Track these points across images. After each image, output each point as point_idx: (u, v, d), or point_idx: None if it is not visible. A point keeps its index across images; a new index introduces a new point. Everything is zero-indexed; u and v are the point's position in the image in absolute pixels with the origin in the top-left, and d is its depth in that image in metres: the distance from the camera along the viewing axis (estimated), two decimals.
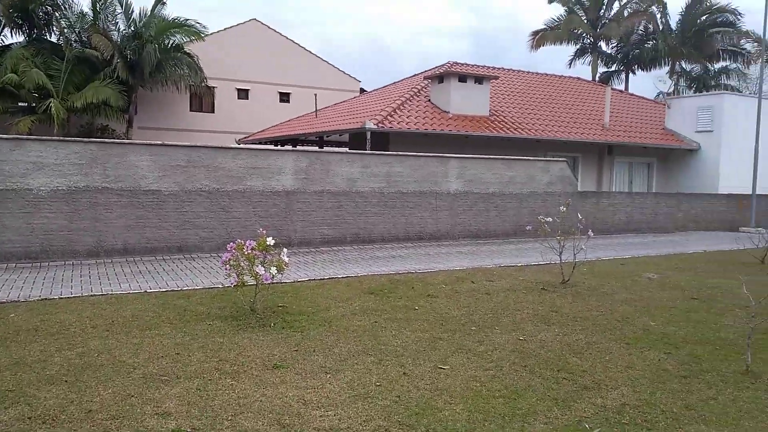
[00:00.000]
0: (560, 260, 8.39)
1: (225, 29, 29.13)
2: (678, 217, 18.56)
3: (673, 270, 10.00)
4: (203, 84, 26.49)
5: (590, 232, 8.38)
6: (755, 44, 32.83)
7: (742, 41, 34.62)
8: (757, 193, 18.96)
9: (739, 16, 33.91)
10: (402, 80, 23.07)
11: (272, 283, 6.33)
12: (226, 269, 6.14)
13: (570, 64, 38.13)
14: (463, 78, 17.74)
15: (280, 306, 6.71)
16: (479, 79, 18.08)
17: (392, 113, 16.45)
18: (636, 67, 37.34)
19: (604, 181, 21.51)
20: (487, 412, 3.93)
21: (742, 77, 37.32)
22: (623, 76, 37.98)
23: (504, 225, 14.88)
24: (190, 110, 28.53)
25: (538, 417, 3.87)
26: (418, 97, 18.34)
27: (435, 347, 5.36)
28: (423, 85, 19.20)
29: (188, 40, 25.13)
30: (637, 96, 27.82)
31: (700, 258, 11.82)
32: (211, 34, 27.13)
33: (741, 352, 5.07)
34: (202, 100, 28.62)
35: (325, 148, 19.87)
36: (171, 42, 24.93)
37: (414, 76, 22.43)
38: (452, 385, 4.43)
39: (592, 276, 9.12)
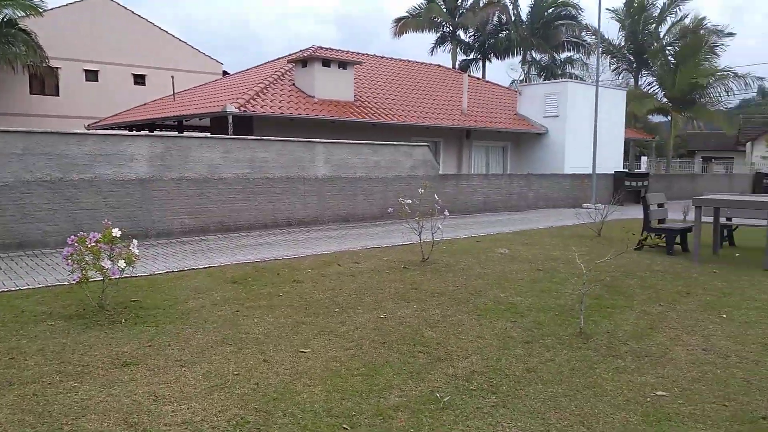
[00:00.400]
0: (420, 240, 8.72)
1: (68, 4, 26.73)
2: (529, 196, 19.99)
3: (523, 245, 10.79)
4: (45, 64, 24.12)
5: (446, 212, 8.78)
6: (593, 37, 36.05)
7: (583, 34, 37.89)
8: (597, 172, 20.92)
9: (580, 11, 37.09)
10: (265, 63, 22.58)
11: (122, 277, 5.97)
12: (68, 264, 5.68)
13: (432, 51, 39.53)
14: (327, 62, 17.73)
15: (134, 301, 6.34)
16: (343, 64, 18.17)
17: (255, 97, 16.07)
18: (492, 55, 39.51)
19: (464, 164, 22.64)
20: (345, 391, 4.00)
21: (585, 67, 40.83)
22: (481, 64, 40.04)
23: (371, 208, 15.15)
24: (31, 93, 25.94)
25: (394, 391, 4.01)
26: (282, 80, 18.05)
27: (297, 332, 5.36)
28: (287, 68, 18.93)
29: (24, 14, 22.72)
30: (492, 83, 29.49)
31: (546, 233, 12.85)
32: (52, 9, 24.74)
33: (576, 316, 5.59)
34: (44, 81, 26.11)
35: (186, 134, 18.97)
36: (2, 16, 22.38)
37: (278, 59, 22.05)
38: (312, 367, 4.46)
39: (450, 254, 9.57)
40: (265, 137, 13.39)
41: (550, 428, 3.49)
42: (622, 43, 36.23)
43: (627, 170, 25.26)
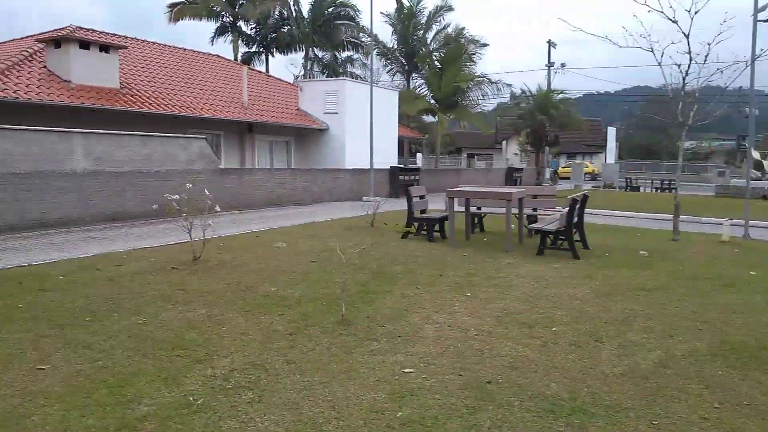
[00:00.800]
0: (190, 238, 8.34)
1: None
2: (314, 190, 20.40)
3: (302, 237, 10.96)
4: None
5: (217, 208, 8.53)
6: (369, 38, 37.95)
7: (361, 35, 39.65)
8: (375, 167, 22.07)
9: (358, 12, 38.70)
10: (10, 41, 19.66)
11: None
12: None
13: (212, 41, 38.13)
14: (85, 44, 16.01)
15: None
16: (105, 48, 16.59)
17: None
18: (275, 49, 39.39)
19: (247, 158, 22.26)
20: (87, 407, 3.65)
21: (364, 66, 42.81)
22: (264, 57, 39.68)
23: (144, 206, 14.07)
24: None
25: (144, 400, 3.77)
26: (30, 62, 15.89)
27: (37, 347, 4.76)
28: (37, 48, 16.70)
29: None
30: (275, 78, 29.42)
31: (326, 225, 13.23)
32: None
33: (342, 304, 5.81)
34: None
35: None
36: None
37: (26, 38, 19.34)
38: (50, 385, 3.99)
39: (227, 250, 9.34)
40: (6, 126, 11.66)
41: (302, 417, 3.57)
42: (395, 46, 38.67)
43: (401, 165, 27.10)
